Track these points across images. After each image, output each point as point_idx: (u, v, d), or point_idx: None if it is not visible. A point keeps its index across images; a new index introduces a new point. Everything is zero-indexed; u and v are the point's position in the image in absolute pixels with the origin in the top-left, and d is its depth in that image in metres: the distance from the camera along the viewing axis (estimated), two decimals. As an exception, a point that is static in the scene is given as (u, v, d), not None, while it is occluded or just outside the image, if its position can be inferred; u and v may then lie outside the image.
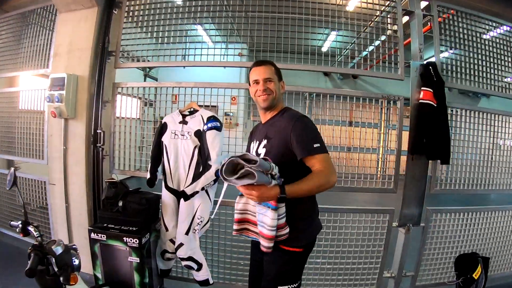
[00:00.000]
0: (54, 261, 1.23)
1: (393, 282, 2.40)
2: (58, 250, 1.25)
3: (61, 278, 1.23)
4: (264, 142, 1.39)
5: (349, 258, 2.33)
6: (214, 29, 3.12)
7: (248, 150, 1.53)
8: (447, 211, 2.43)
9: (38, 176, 2.66)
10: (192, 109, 2.00)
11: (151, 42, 2.32)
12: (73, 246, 1.34)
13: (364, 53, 2.31)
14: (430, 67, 2.22)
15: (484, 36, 2.48)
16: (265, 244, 1.27)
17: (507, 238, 2.68)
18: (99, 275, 2.00)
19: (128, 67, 2.35)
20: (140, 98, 2.43)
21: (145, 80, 2.17)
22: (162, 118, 2.08)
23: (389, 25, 2.32)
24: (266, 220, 1.24)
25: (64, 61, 2.34)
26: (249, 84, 1.48)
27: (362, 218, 2.30)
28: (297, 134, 1.28)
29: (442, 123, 2.17)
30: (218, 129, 1.87)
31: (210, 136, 1.84)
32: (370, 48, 2.35)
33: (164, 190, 1.98)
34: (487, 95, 2.60)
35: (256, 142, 1.45)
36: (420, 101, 2.18)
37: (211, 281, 2.07)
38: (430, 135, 2.15)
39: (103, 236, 1.90)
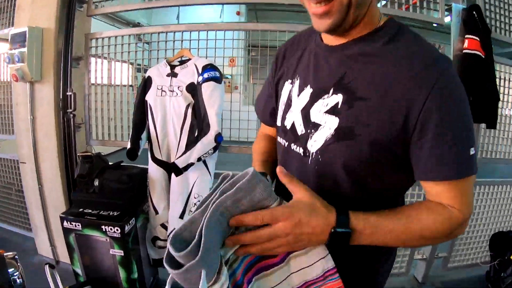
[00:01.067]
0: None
1: (424, 264, 2.04)
2: None
3: None
4: (339, 97, 0.52)
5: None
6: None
7: (272, 100, 0.70)
8: (484, 184, 2.01)
9: (11, 154, 2.18)
10: (183, 58, 1.47)
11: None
12: (10, 256, 0.85)
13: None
14: (474, 12, 1.74)
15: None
16: None
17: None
18: (79, 271, 1.52)
19: (104, 13, 1.78)
20: (132, 64, 1.90)
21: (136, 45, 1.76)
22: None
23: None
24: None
25: (27, 14, 1.77)
26: None
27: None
28: (442, 123, 0.46)
29: (491, 79, 1.74)
30: (217, 80, 1.34)
31: (208, 89, 1.31)
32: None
33: (150, 163, 1.48)
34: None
35: (298, 85, 0.60)
36: (465, 51, 1.70)
37: None
38: (477, 93, 1.70)
39: (78, 225, 1.41)
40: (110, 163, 1.55)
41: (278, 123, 0.64)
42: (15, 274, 0.83)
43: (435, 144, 0.47)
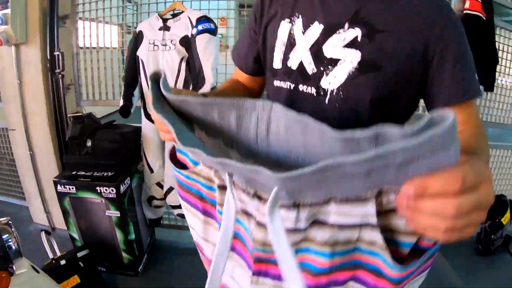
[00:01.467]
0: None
1: None
2: None
3: None
4: (357, 31, 0.50)
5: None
6: None
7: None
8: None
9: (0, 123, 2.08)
10: (175, 11, 1.37)
11: None
12: (3, 222, 0.81)
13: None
14: (475, -28, 1.66)
15: None
16: None
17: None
18: (76, 236, 1.50)
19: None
20: (120, 25, 1.78)
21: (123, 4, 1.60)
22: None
23: None
24: None
25: None
26: None
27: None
28: (458, 51, 0.50)
29: (491, 41, 1.69)
30: (212, 32, 1.25)
31: (202, 41, 1.23)
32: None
33: (144, 120, 1.42)
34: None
35: (300, 23, 0.55)
36: (466, 11, 1.64)
37: None
38: (477, 54, 1.65)
39: (72, 188, 1.37)
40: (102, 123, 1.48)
41: (277, 65, 0.59)
42: (9, 240, 0.79)
43: (456, 70, 0.50)
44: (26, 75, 1.67)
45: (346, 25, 0.51)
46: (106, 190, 1.33)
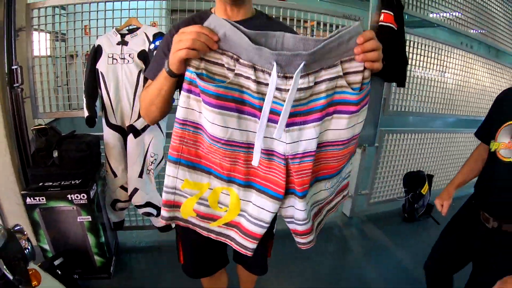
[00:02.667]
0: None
1: (350, 201, 2.39)
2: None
3: (19, 283, 0.74)
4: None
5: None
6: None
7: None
8: (399, 132, 2.43)
9: None
10: (131, 27, 1.49)
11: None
12: (17, 228, 0.86)
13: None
14: (390, -9, 2.00)
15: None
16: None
17: (447, 157, 2.82)
18: (46, 247, 1.53)
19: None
20: (50, 33, 1.77)
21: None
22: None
23: None
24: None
25: None
26: None
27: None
28: None
29: (401, 47, 2.05)
30: None
31: None
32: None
33: (106, 128, 1.51)
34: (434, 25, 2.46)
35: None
36: (381, 23, 1.97)
37: (173, 225, 1.67)
38: (389, 58, 2.01)
39: (42, 199, 1.41)
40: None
41: None
42: (25, 243, 0.87)
43: None
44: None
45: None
46: (77, 197, 1.41)
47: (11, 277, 0.73)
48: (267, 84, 0.61)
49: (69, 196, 1.41)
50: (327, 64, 0.61)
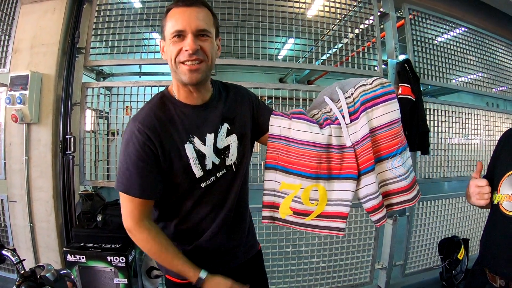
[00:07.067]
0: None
1: (384, 273, 2.31)
2: (50, 278, 0.83)
3: None
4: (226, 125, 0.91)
5: (342, 254, 2.18)
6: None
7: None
8: (428, 199, 2.42)
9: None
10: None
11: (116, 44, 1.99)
12: (64, 271, 0.97)
13: (333, 50, 2.23)
14: (406, 65, 2.20)
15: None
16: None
17: (481, 219, 2.73)
18: None
19: (100, 65, 2.00)
20: (94, 110, 2.04)
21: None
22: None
23: (361, 25, 2.25)
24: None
25: (26, 58, 1.89)
26: (162, 38, 0.83)
27: (352, 213, 2.19)
28: (263, 105, 1.05)
29: (421, 116, 2.16)
30: None
31: None
32: (339, 45, 2.24)
33: None
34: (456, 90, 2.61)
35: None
36: (400, 96, 2.12)
37: None
38: (411, 128, 2.12)
39: (82, 258, 1.51)
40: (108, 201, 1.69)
41: (198, 174, 0.83)
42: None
43: (266, 111, 1.01)
44: (34, 152, 1.84)
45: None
46: (116, 259, 1.49)
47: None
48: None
49: (108, 258, 1.50)
50: (352, 86, 0.97)
